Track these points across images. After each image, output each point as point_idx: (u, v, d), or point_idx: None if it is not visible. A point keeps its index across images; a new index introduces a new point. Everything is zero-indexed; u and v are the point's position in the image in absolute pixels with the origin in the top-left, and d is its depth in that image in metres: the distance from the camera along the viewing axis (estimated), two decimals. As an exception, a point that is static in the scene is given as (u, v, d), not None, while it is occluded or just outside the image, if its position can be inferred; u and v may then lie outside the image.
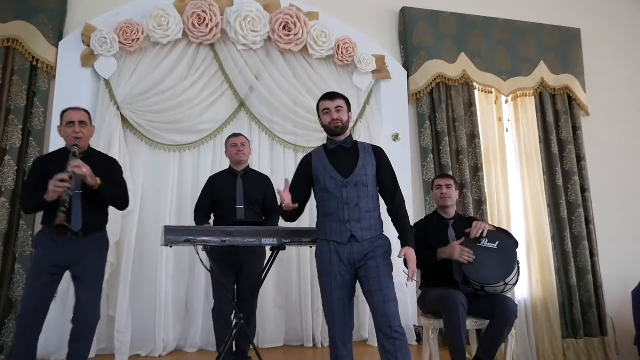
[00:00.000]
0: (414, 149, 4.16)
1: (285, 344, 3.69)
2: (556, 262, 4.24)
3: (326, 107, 2.40)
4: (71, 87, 3.57)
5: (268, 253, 2.79)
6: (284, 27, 3.83)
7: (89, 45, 3.58)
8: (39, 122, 3.48)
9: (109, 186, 2.62)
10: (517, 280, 2.71)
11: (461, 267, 2.70)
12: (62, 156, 2.58)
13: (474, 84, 4.35)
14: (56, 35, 3.60)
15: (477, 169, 4.20)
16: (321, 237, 2.37)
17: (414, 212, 3.88)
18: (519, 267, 2.70)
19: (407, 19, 4.28)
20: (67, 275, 2.63)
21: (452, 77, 4.26)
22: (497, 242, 2.70)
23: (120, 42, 3.59)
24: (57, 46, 3.60)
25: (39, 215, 2.84)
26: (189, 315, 3.57)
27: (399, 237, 2.35)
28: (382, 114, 4.11)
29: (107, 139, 3.49)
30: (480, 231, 2.72)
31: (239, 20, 3.74)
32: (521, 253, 4.08)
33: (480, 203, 4.14)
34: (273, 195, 3.12)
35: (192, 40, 3.74)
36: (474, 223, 2.79)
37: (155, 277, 3.46)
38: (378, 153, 2.44)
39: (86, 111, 2.73)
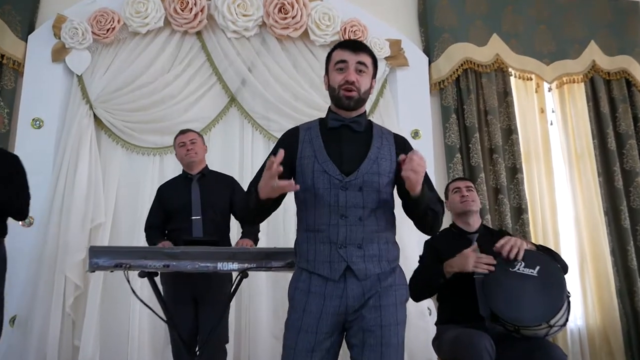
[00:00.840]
0: (438, 148, 3.54)
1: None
2: (617, 282, 3.50)
3: (342, 60, 1.56)
4: (40, 85, 3.19)
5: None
6: (279, 10, 3.33)
7: (60, 38, 3.21)
8: (1, 125, 3.11)
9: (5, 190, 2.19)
10: (566, 320, 1.94)
11: (487, 299, 1.98)
12: None
13: (510, 69, 3.70)
14: (25, 29, 3.23)
15: (515, 171, 3.53)
16: (299, 265, 1.59)
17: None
18: (569, 302, 1.95)
19: (427, -3, 3.70)
20: None
21: (483, 62, 3.62)
22: (537, 267, 1.94)
23: (93, 33, 3.19)
24: (26, 40, 3.24)
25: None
26: (169, 347, 3.07)
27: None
28: (399, 107, 3.52)
29: (77, 142, 3.07)
30: (515, 250, 1.96)
31: (227, 3, 3.26)
32: (573, 274, 3.37)
33: (519, 211, 3.46)
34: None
35: (175, 28, 3.29)
36: (504, 239, 2.04)
37: (128, 301, 2.97)
38: (402, 144, 1.64)
39: None
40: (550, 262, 1.96)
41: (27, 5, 3.26)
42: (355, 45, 1.60)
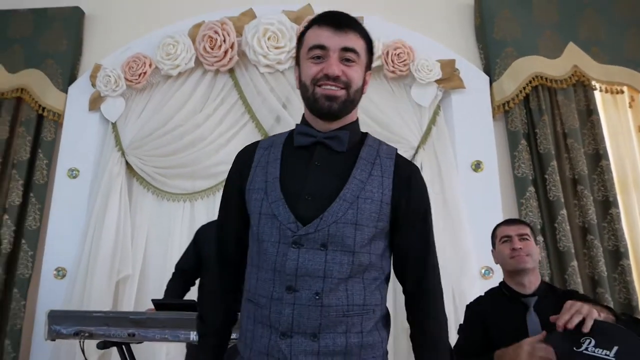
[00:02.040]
0: (506, 181, 3.00)
1: None
2: None
3: (320, 44, 1.10)
4: (77, 135, 3.21)
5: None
6: (313, 38, 3.09)
7: (96, 87, 3.23)
8: (41, 177, 3.15)
9: None
10: None
11: None
12: None
13: (593, 82, 3.09)
14: (66, 81, 3.31)
15: (607, 205, 2.88)
16: (238, 346, 1.16)
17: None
18: None
19: (485, 9, 3.23)
20: None
21: (557, 77, 3.06)
22: (615, 348, 1.34)
23: (126, 79, 3.16)
24: (67, 92, 3.31)
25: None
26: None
27: None
28: (455, 135, 3.06)
29: (107, 190, 3.01)
30: (577, 319, 1.39)
31: (257, 36, 3.10)
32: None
33: (617, 256, 2.79)
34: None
35: (206, 67, 3.18)
36: (567, 304, 1.46)
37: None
38: (407, 172, 1.14)
39: None
40: (634, 340, 1.38)
41: (68, 57, 3.33)
42: (340, 21, 1.11)
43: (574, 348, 1.39)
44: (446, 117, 3.12)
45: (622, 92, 3.10)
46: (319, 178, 1.10)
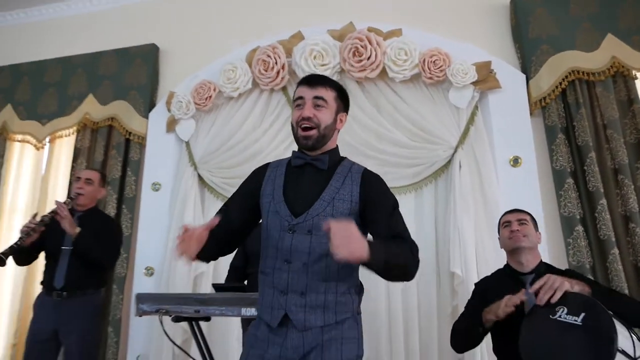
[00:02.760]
0: (544, 175, 3.13)
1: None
2: None
3: (299, 97, 1.57)
4: (158, 154, 3.79)
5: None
6: (354, 54, 3.41)
7: (170, 111, 3.78)
8: (130, 191, 3.75)
9: (87, 239, 2.63)
10: None
11: (524, 353, 1.66)
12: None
13: (633, 72, 3.14)
14: (147, 108, 3.90)
15: (651, 192, 2.93)
16: (257, 312, 1.62)
17: (552, 261, 2.83)
18: None
19: (519, 10, 3.38)
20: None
21: (594, 70, 3.14)
22: (582, 315, 1.61)
23: (195, 103, 3.69)
24: (147, 117, 3.90)
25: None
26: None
27: None
28: (494, 134, 3.24)
29: (183, 200, 3.54)
30: (548, 293, 1.66)
31: (304, 56, 3.48)
32: None
33: (660, 244, 2.84)
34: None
35: (262, 87, 3.62)
36: (543, 279, 1.73)
37: (227, 344, 3.24)
38: (368, 181, 1.57)
39: (100, 172, 2.91)
40: (598, 308, 1.58)
41: (147, 88, 3.93)
42: (312, 80, 1.59)
43: (550, 316, 1.63)
44: (484, 116, 3.31)
45: (665, 79, 3.11)
46: (307, 186, 1.57)
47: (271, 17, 3.93)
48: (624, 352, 1.52)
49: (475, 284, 2.16)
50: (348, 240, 1.25)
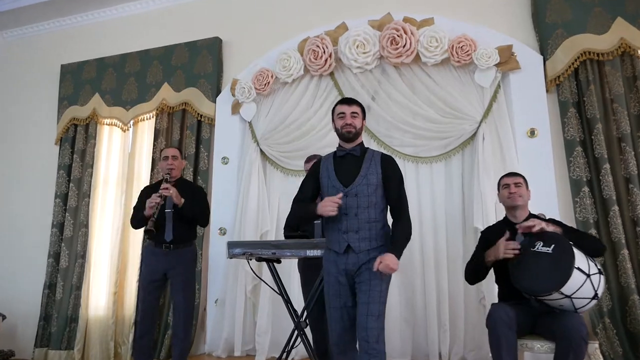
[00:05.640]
0: (557, 144, 3.76)
1: (412, 359, 3.79)
2: None
3: (342, 112, 2.52)
4: (225, 133, 4.61)
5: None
6: (391, 42, 4.07)
7: (235, 96, 4.58)
8: (204, 164, 4.60)
9: (191, 206, 3.50)
10: (595, 294, 2.29)
11: (512, 277, 2.45)
12: (159, 184, 3.59)
13: (639, 51, 3.67)
14: (214, 94, 4.71)
15: (649, 157, 3.52)
16: (326, 244, 2.54)
17: (562, 216, 3.50)
18: (594, 277, 2.30)
19: (539, -2, 3.96)
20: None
21: (604, 50, 3.70)
22: (552, 245, 2.36)
23: (256, 89, 4.46)
24: (215, 101, 4.72)
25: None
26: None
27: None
28: (514, 109, 3.86)
29: (249, 171, 4.36)
30: (529, 227, 2.46)
31: (348, 46, 4.18)
32: None
33: (656, 200, 3.44)
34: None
35: (312, 73, 4.35)
36: (528, 221, 2.52)
37: (291, 287, 4.08)
38: (385, 162, 2.47)
39: (178, 148, 3.78)
40: (563, 241, 2.32)
41: (214, 76, 4.72)
42: (350, 101, 2.59)
43: (531, 248, 2.37)
44: (505, 94, 3.93)
45: (666, 57, 3.64)
46: (350, 168, 2.49)
47: (318, 9, 4.62)
48: (579, 269, 2.24)
49: (482, 232, 2.90)
50: (387, 267, 2.24)
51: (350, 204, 2.39)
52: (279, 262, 3.27)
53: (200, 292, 4.38)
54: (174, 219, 3.53)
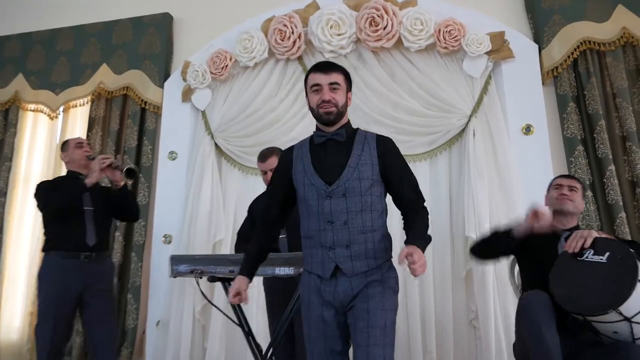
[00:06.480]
0: (555, 142, 3.37)
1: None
2: None
3: (316, 83, 1.84)
4: (174, 123, 3.97)
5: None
6: (370, 23, 3.59)
7: (186, 81, 3.96)
8: (147, 160, 3.94)
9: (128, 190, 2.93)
10: None
11: (550, 288, 1.95)
12: (69, 179, 2.95)
13: (643, 42, 3.36)
14: (162, 78, 4.06)
15: (657, 159, 3.18)
16: (305, 267, 1.91)
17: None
18: None
19: (532, -20, 3.59)
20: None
21: (605, 40, 3.36)
22: (607, 254, 1.88)
23: (211, 73, 3.86)
24: (163, 87, 4.07)
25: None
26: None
27: (405, 242, 1.76)
28: (507, 103, 3.45)
29: (200, 169, 3.73)
30: (580, 242, 1.95)
31: (320, 26, 3.66)
32: None
33: (665, 206, 3.09)
34: None
35: (278, 57, 3.80)
36: (574, 234, 2.03)
37: (246, 309, 3.46)
38: (383, 145, 1.87)
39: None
40: (621, 247, 1.84)
41: (162, 58, 4.10)
42: (326, 67, 1.90)
43: (577, 257, 1.89)
44: (497, 85, 3.51)
45: (673, 49, 3.33)
46: (334, 158, 1.86)
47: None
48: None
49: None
50: (424, 265, 1.62)
51: (337, 208, 1.78)
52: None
53: (139, 313, 3.70)
54: (95, 219, 2.86)
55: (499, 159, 3.36)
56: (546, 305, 1.89)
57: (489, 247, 2.35)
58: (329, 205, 1.79)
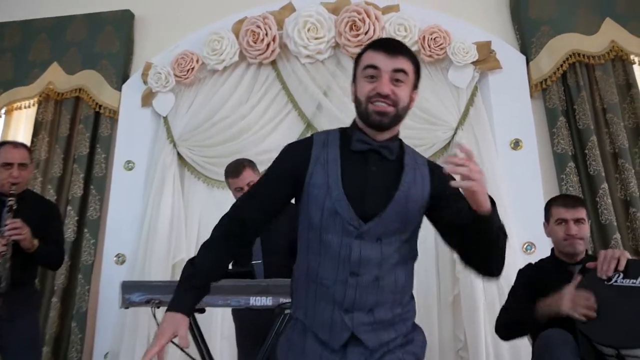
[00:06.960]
0: (545, 158, 3.19)
1: None
2: None
3: (373, 65, 1.30)
4: (132, 130, 3.60)
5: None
6: (351, 28, 3.36)
7: (147, 84, 3.60)
8: (99, 170, 3.55)
9: (45, 246, 2.39)
10: None
11: (579, 324, 1.69)
12: None
13: (632, 57, 3.24)
14: (120, 79, 3.70)
15: (650, 177, 3.04)
16: (296, 314, 1.40)
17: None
18: None
19: (519, -10, 3.46)
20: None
21: (594, 53, 3.23)
22: (639, 278, 1.64)
23: (175, 75, 3.52)
24: (120, 90, 3.70)
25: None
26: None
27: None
28: (494, 115, 3.27)
29: (160, 180, 3.37)
30: (614, 262, 1.69)
31: (297, 28, 3.39)
32: None
33: (661, 227, 2.94)
34: None
35: (250, 61, 3.51)
36: (602, 253, 1.77)
37: (208, 339, 3.09)
38: (437, 175, 1.36)
39: (26, 148, 2.57)
40: None
41: (120, 58, 3.73)
42: (392, 46, 1.32)
43: (605, 282, 1.64)
44: (484, 97, 3.33)
45: (662, 65, 3.24)
46: (376, 182, 1.33)
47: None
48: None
49: (521, 271, 2.14)
50: (480, 175, 1.15)
51: (369, 256, 1.29)
52: (202, 311, 2.16)
53: (84, 344, 3.26)
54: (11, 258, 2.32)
55: (487, 174, 3.12)
56: (572, 347, 1.63)
57: (518, 332, 2.04)
58: (359, 249, 1.28)
